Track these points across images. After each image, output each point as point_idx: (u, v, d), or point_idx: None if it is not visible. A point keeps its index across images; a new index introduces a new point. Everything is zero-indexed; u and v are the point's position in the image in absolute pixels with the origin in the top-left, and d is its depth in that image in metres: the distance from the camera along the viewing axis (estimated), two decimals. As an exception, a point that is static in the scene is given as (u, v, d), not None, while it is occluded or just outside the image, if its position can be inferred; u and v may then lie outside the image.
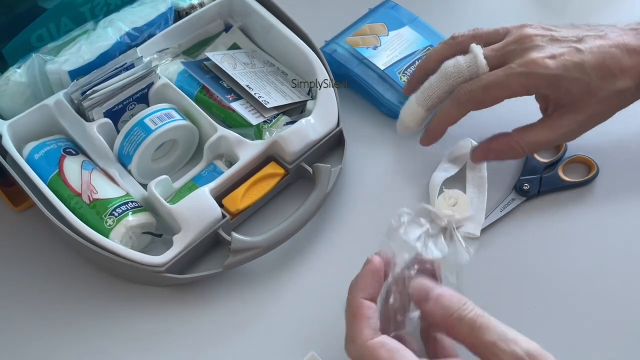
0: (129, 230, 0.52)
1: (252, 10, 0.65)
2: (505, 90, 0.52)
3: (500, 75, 0.51)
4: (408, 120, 0.56)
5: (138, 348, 0.51)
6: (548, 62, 0.51)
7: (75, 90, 0.56)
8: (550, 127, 0.53)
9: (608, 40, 0.53)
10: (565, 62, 0.51)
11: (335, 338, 0.51)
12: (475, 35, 0.56)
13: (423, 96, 0.55)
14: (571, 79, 0.51)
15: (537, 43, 0.52)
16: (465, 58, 0.53)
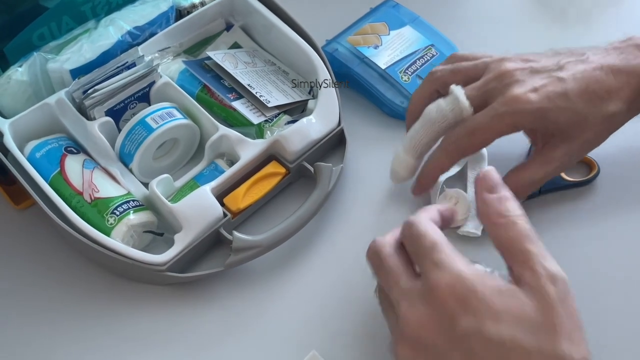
0: (131, 229, 0.52)
1: (253, 9, 0.65)
2: (492, 132, 0.50)
3: (484, 119, 0.50)
4: (399, 170, 0.55)
5: (139, 347, 0.51)
6: (530, 97, 0.49)
7: (76, 89, 0.56)
8: (544, 162, 0.52)
9: (590, 64, 0.51)
10: (549, 94, 0.49)
11: (336, 337, 0.51)
12: (454, 71, 0.54)
13: (410, 145, 0.53)
14: (557, 110, 0.49)
15: (517, 78, 0.50)
16: (446, 101, 0.51)
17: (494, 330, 0.37)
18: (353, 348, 0.51)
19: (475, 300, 0.38)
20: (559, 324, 0.38)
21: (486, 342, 0.37)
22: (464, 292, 0.38)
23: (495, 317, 0.38)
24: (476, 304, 0.38)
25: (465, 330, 0.38)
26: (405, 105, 0.63)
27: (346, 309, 0.53)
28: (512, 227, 0.41)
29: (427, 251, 0.41)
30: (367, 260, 0.45)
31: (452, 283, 0.39)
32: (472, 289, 0.38)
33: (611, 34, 0.72)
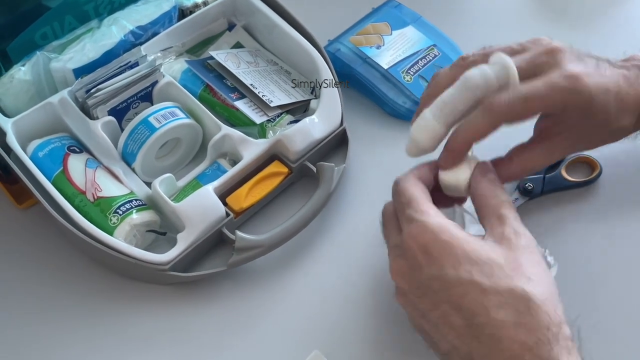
0: (133, 229, 0.52)
1: (256, 9, 0.65)
2: (545, 103, 0.46)
3: (541, 87, 0.46)
4: (423, 139, 0.47)
5: (141, 346, 0.52)
6: (587, 80, 0.46)
7: (79, 89, 0.56)
8: (548, 150, 0.49)
9: (615, 71, 0.50)
10: (598, 84, 0.47)
11: (339, 336, 0.51)
12: (487, 54, 0.49)
13: (443, 111, 0.46)
14: (600, 102, 0.47)
15: (569, 57, 0.48)
16: (492, 67, 0.46)
17: (452, 272, 0.40)
18: (355, 347, 0.51)
19: (437, 248, 0.41)
20: (520, 266, 0.40)
21: (446, 285, 0.40)
22: (427, 241, 0.41)
23: (455, 262, 0.40)
24: (437, 252, 0.41)
25: (429, 276, 0.41)
26: (408, 106, 0.63)
27: (349, 309, 0.53)
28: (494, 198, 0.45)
29: (403, 207, 0.44)
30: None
31: (416, 234, 0.42)
32: (435, 238, 0.41)
33: (612, 34, 0.73)
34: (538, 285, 0.40)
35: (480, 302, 0.39)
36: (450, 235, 0.41)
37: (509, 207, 0.45)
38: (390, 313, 0.52)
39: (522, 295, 0.39)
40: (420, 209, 0.43)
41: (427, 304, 0.42)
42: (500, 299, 0.39)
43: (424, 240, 0.42)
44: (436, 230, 0.42)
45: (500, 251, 0.41)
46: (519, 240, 0.42)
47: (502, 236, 0.42)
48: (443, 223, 0.42)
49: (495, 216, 0.44)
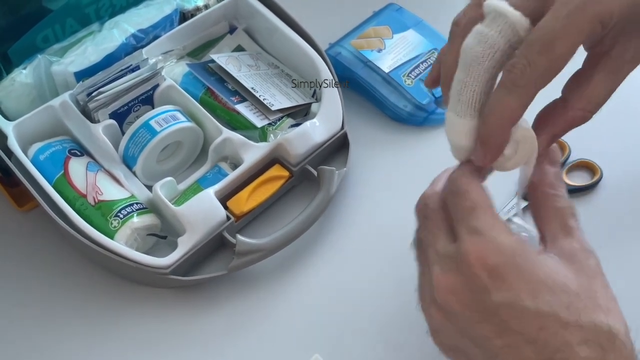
0: (134, 232, 0.52)
1: (257, 12, 0.65)
2: (575, 37, 0.35)
3: (557, 22, 0.35)
4: (459, 140, 0.40)
5: (142, 349, 0.52)
6: None
7: (80, 92, 0.56)
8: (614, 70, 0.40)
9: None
10: None
11: (339, 341, 0.51)
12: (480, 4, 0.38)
13: (461, 102, 0.39)
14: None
15: None
16: (487, 24, 0.36)
17: (530, 303, 0.35)
18: (356, 352, 0.51)
19: (511, 273, 0.36)
20: (598, 296, 0.37)
21: (521, 315, 0.35)
22: (498, 264, 0.36)
23: (532, 290, 0.36)
24: (511, 277, 0.36)
25: (498, 303, 0.36)
26: (409, 109, 0.63)
27: (349, 313, 0.53)
28: (561, 200, 0.41)
29: (465, 214, 0.38)
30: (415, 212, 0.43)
31: (485, 254, 0.36)
32: (507, 262, 0.36)
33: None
34: (616, 317, 0.37)
35: (562, 337, 0.35)
36: (525, 258, 0.36)
37: (574, 215, 0.40)
38: (392, 317, 0.52)
39: (608, 332, 0.36)
40: (490, 222, 0.37)
41: (487, 331, 0.36)
42: (584, 335, 0.35)
43: (495, 261, 0.36)
44: (510, 251, 0.36)
45: (572, 275, 0.37)
46: (589, 261, 0.38)
47: (571, 254, 0.38)
48: (517, 243, 0.37)
49: (561, 226, 0.39)
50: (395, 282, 0.55)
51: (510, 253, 0.36)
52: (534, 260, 0.36)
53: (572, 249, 0.38)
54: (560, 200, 0.41)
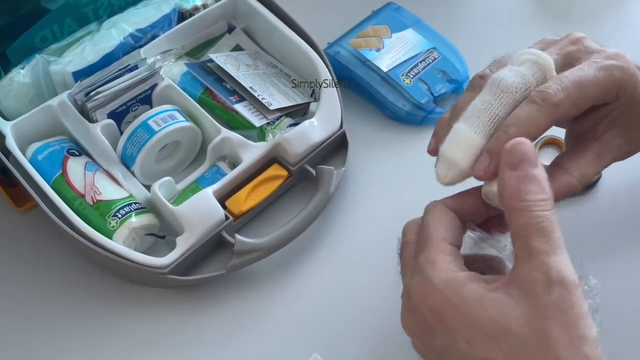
0: (133, 232, 0.52)
1: (256, 11, 0.65)
2: (600, 87, 0.40)
3: (588, 70, 0.40)
4: (463, 158, 0.39)
5: (140, 349, 0.51)
6: (629, 59, 0.42)
7: (79, 92, 0.56)
8: (600, 155, 0.43)
9: None
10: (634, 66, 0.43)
11: (338, 340, 0.51)
12: (504, 63, 0.43)
13: (480, 119, 0.39)
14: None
15: (595, 43, 0.43)
16: (525, 65, 0.40)
17: (466, 349, 0.34)
18: (355, 351, 0.51)
19: (449, 315, 0.35)
20: (553, 343, 0.32)
21: (462, 358, 0.35)
22: (438, 305, 0.35)
23: (469, 336, 0.34)
24: (450, 319, 0.35)
25: (442, 345, 0.36)
26: (407, 109, 0.63)
27: (349, 312, 0.53)
28: (524, 215, 0.35)
29: (420, 248, 0.38)
30: None
31: (426, 294, 0.36)
32: (444, 302, 0.35)
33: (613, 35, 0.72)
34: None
35: None
36: (463, 299, 0.35)
37: (543, 231, 0.35)
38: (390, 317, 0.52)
39: None
40: (432, 258, 0.36)
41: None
42: None
43: (434, 303, 0.36)
44: (444, 291, 0.35)
45: (522, 317, 0.33)
46: (551, 297, 0.33)
47: (528, 286, 0.34)
48: (452, 281, 0.35)
49: (523, 247, 0.35)
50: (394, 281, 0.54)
51: (446, 293, 0.35)
52: (472, 299, 0.34)
53: (530, 279, 0.34)
54: (522, 215, 0.35)
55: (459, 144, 0.39)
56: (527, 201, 0.35)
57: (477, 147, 0.39)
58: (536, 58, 0.40)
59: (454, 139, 0.39)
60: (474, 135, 0.39)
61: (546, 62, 0.40)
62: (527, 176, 0.35)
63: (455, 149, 0.39)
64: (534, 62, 0.40)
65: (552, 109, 0.39)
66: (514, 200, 0.35)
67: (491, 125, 0.39)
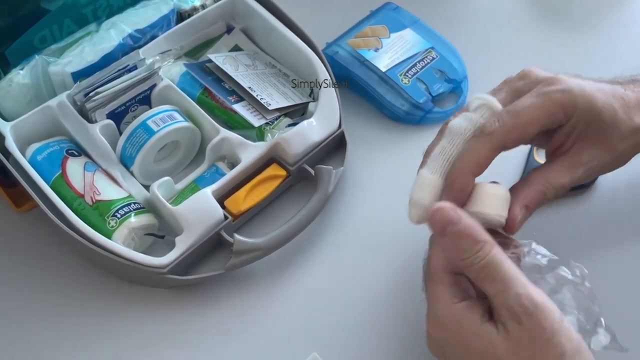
0: (132, 232, 0.52)
1: (254, 12, 0.65)
2: (540, 112, 0.44)
3: (528, 99, 0.45)
4: (426, 198, 0.45)
5: (140, 348, 0.52)
6: (579, 82, 0.46)
7: (78, 92, 0.56)
8: (570, 165, 0.47)
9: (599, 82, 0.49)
10: (590, 85, 0.46)
11: (337, 339, 0.52)
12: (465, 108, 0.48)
13: (437, 162, 0.45)
14: (603, 103, 0.46)
15: (544, 73, 0.47)
16: (474, 110, 0.46)
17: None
18: (354, 350, 0.51)
19: (452, 342, 0.41)
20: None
21: None
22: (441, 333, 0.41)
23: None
24: (454, 345, 0.41)
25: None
26: (406, 108, 0.63)
27: (347, 312, 0.53)
28: (470, 270, 0.40)
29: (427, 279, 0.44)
30: None
31: (432, 323, 0.42)
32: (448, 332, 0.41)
33: (612, 35, 0.73)
34: None
35: None
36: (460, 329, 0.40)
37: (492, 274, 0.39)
38: (389, 316, 0.53)
39: None
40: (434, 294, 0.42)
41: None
42: None
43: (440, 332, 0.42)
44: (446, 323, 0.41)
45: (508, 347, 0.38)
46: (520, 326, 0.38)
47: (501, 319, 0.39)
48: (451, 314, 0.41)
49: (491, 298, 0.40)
50: (393, 280, 0.55)
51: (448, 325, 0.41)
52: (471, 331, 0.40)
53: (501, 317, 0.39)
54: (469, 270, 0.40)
55: (421, 187, 0.45)
56: (467, 259, 0.39)
57: (436, 186, 0.45)
58: (482, 101, 0.45)
59: (417, 183, 0.46)
60: (432, 177, 0.45)
61: (491, 103, 0.45)
62: (455, 236, 0.40)
63: (421, 192, 0.45)
64: (481, 105, 0.45)
65: (488, 138, 0.44)
66: (458, 260, 0.40)
67: (447, 166, 0.45)
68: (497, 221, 0.44)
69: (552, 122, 0.45)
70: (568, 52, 0.70)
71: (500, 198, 0.45)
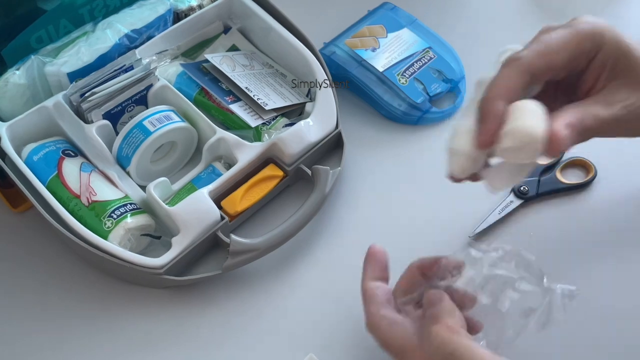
0: (128, 232, 0.52)
1: (251, 12, 0.65)
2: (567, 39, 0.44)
3: (557, 31, 0.45)
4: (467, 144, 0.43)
5: (136, 349, 0.52)
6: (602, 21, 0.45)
7: (74, 92, 0.56)
8: (606, 101, 0.44)
9: None
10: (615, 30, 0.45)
11: (333, 340, 0.51)
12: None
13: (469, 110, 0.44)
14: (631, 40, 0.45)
15: None
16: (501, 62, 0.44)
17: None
18: (350, 351, 0.51)
19: None
20: None
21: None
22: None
23: None
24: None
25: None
26: (403, 108, 0.63)
27: (344, 312, 0.53)
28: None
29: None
30: None
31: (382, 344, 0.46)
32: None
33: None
34: None
35: None
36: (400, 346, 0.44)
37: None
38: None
39: None
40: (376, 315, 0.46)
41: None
42: None
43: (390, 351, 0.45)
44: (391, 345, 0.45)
45: None
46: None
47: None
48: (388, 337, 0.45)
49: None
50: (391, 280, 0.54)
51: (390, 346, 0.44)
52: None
53: None
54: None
55: (458, 134, 0.43)
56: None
57: (469, 129, 0.42)
58: (510, 51, 0.44)
59: (453, 132, 0.44)
60: (467, 122, 0.43)
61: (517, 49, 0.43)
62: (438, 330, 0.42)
63: (456, 139, 0.43)
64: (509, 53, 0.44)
65: (515, 63, 0.43)
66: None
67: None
68: (534, 135, 0.40)
69: (580, 50, 0.44)
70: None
71: (534, 111, 0.41)
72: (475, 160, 0.43)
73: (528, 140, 0.40)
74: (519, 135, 0.40)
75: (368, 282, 0.47)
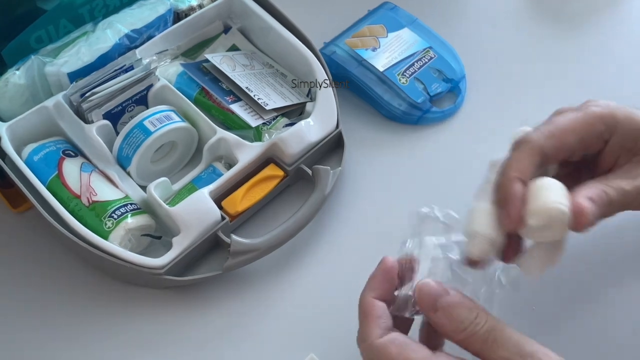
0: (128, 233, 0.52)
1: (251, 11, 0.65)
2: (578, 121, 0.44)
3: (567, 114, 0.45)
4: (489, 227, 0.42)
5: (136, 350, 0.51)
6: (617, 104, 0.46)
7: (74, 92, 0.56)
8: (628, 175, 0.45)
9: None
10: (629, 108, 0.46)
11: (334, 340, 0.51)
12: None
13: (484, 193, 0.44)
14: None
15: None
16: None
17: None
18: (351, 351, 0.51)
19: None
20: None
21: None
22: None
23: None
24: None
25: None
26: (403, 108, 0.63)
27: (344, 312, 0.53)
28: (475, 338, 0.38)
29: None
30: None
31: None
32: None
33: (608, 35, 0.73)
34: None
35: None
36: None
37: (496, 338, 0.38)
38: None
39: None
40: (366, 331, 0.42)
41: None
42: None
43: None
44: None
45: None
46: None
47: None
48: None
49: None
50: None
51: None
52: None
53: None
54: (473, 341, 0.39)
55: (478, 217, 0.42)
56: (466, 328, 0.38)
57: (492, 213, 0.42)
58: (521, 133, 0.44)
59: (472, 216, 0.43)
60: (485, 205, 0.42)
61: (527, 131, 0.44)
62: (448, 306, 0.39)
63: (477, 222, 0.42)
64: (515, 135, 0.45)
65: (526, 145, 0.43)
66: (457, 333, 0.39)
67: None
68: (559, 212, 0.40)
69: (592, 132, 0.45)
70: (566, 51, 0.70)
71: (554, 187, 0.41)
72: (495, 243, 0.42)
73: (554, 216, 0.40)
74: (543, 213, 0.40)
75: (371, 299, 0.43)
